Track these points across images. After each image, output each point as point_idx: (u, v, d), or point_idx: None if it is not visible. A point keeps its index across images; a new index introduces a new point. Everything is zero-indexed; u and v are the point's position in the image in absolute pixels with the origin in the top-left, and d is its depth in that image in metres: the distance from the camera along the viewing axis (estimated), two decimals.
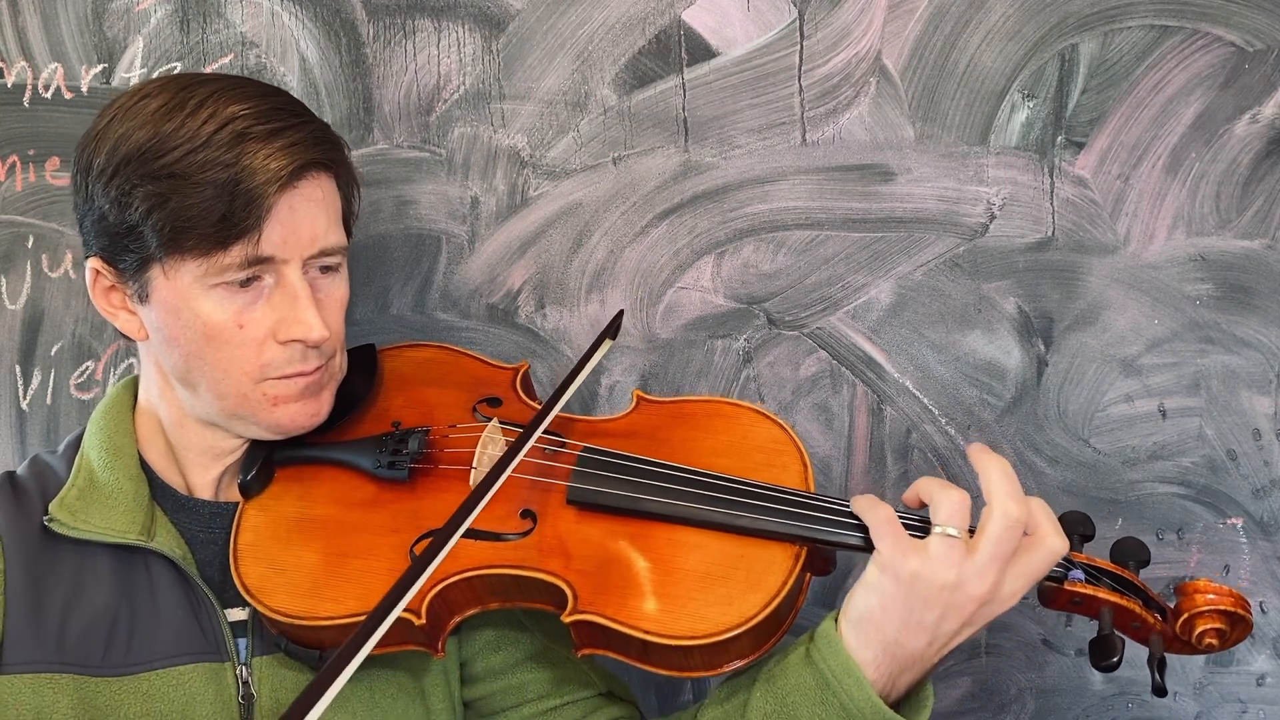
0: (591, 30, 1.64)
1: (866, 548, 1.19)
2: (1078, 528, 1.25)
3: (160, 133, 1.24)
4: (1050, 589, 1.22)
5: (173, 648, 1.31)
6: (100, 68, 1.69)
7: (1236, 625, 1.20)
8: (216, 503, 1.38)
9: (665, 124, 1.64)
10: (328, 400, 1.36)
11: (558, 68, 1.64)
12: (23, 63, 1.69)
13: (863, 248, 1.64)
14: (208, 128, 1.23)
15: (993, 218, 1.62)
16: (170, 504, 1.37)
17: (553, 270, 1.68)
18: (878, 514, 1.18)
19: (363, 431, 1.39)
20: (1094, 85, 1.59)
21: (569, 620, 1.21)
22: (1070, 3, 1.58)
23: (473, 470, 1.32)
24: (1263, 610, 1.61)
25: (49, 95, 1.69)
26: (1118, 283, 1.61)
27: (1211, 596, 1.20)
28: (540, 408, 1.34)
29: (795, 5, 1.61)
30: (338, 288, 1.35)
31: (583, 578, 1.22)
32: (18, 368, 1.73)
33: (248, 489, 1.34)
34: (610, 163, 1.66)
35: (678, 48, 1.63)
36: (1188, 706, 1.64)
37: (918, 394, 1.65)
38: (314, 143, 1.28)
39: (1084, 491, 1.63)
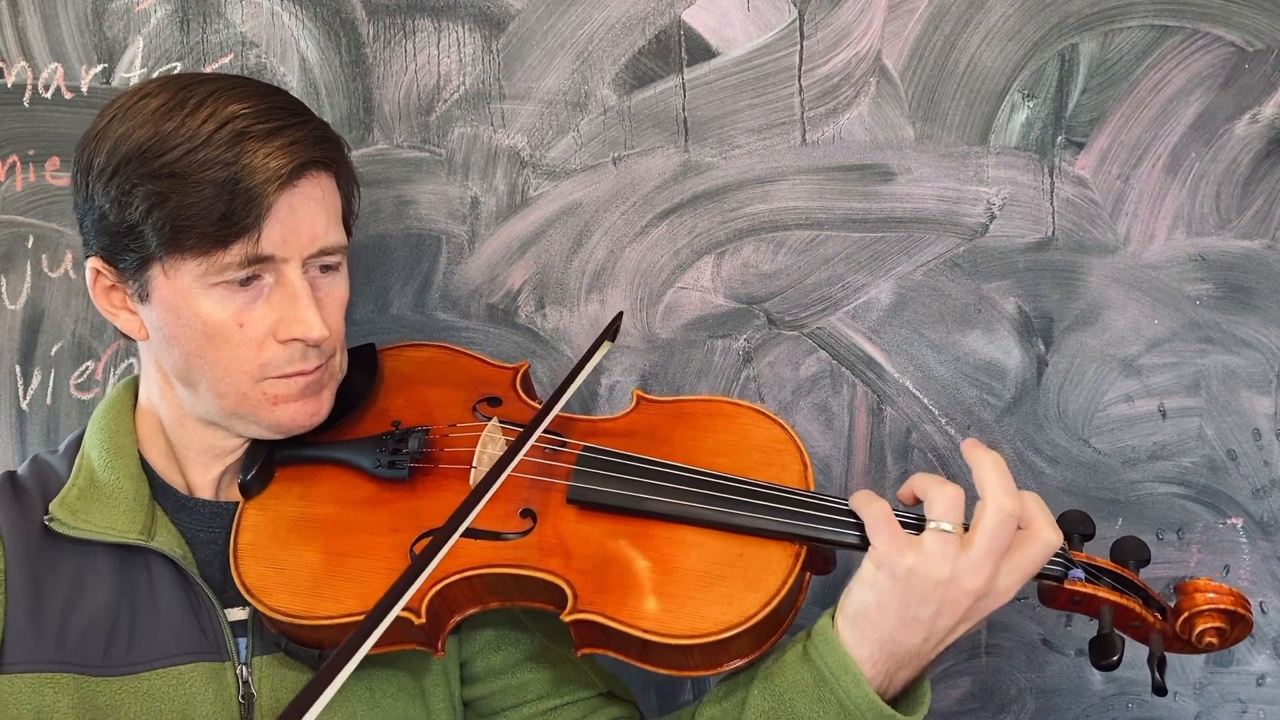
0: (591, 30, 1.64)
1: (864, 545, 1.19)
2: (1078, 527, 1.25)
3: (160, 132, 1.24)
4: (1050, 588, 1.22)
5: (173, 647, 1.31)
6: (100, 68, 1.69)
7: (1237, 624, 1.20)
8: (217, 502, 1.38)
9: (665, 124, 1.64)
10: (328, 399, 1.36)
11: (558, 68, 1.64)
12: (23, 63, 1.69)
13: (863, 248, 1.64)
14: (208, 127, 1.23)
15: (993, 218, 1.62)
16: (171, 503, 1.37)
17: (553, 270, 1.68)
18: (873, 510, 1.18)
19: (363, 431, 1.39)
20: (1094, 85, 1.59)
21: (569, 619, 1.21)
22: (1070, 3, 1.58)
23: (473, 470, 1.32)
24: (1263, 610, 1.61)
25: (49, 95, 1.69)
26: (1118, 283, 1.61)
27: (1211, 595, 1.20)
28: (540, 407, 1.34)
29: (795, 5, 1.61)
30: (338, 287, 1.35)
31: (582, 577, 1.22)
32: (18, 368, 1.73)
33: (248, 488, 1.34)
34: (610, 163, 1.66)
35: (678, 48, 1.63)
36: (1188, 706, 1.63)
37: (918, 394, 1.65)
38: (314, 142, 1.28)
39: (1084, 491, 1.63)
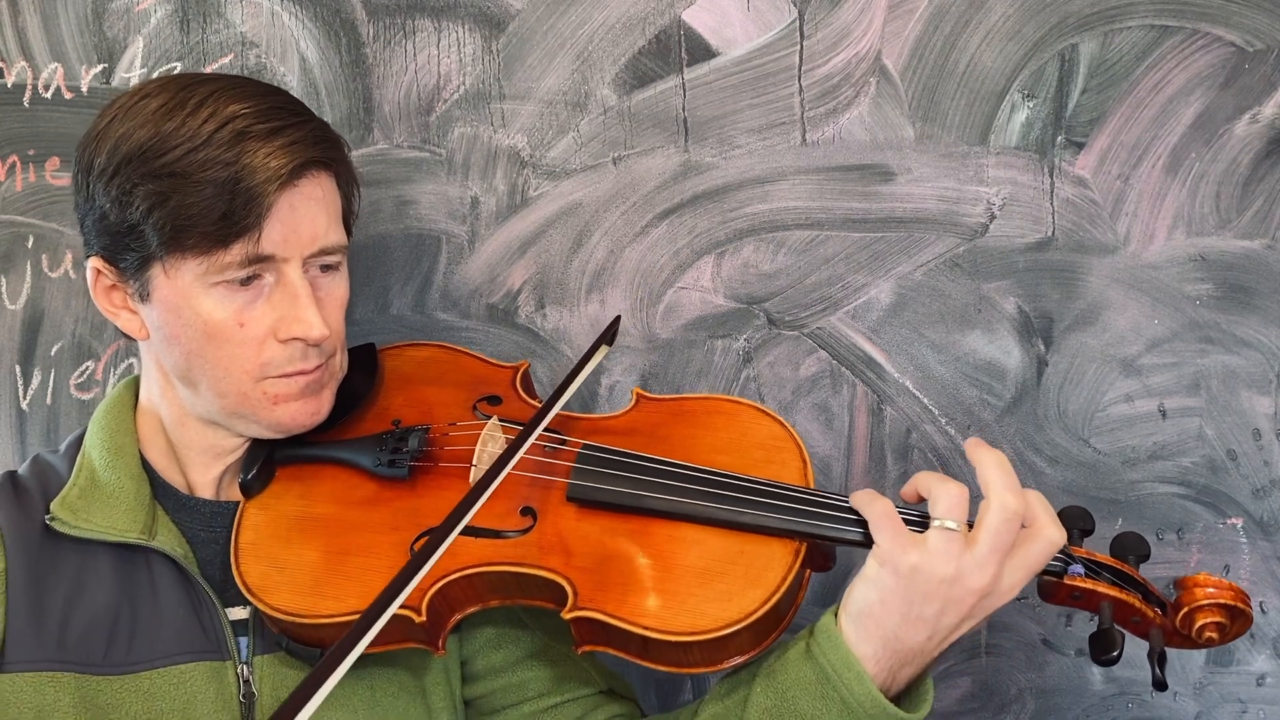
0: (591, 30, 1.64)
1: (866, 543, 1.19)
2: (1077, 522, 1.25)
3: (161, 132, 1.24)
4: (1050, 584, 1.22)
5: (174, 646, 1.31)
6: (100, 68, 1.69)
7: (1236, 619, 1.20)
8: (217, 502, 1.38)
9: (665, 124, 1.64)
10: (328, 399, 1.36)
11: (558, 68, 1.65)
12: (23, 63, 1.69)
13: (863, 248, 1.64)
14: (208, 126, 1.24)
15: (993, 218, 1.62)
16: (171, 503, 1.37)
17: (553, 270, 1.68)
18: (876, 508, 1.18)
19: (363, 430, 1.39)
20: (1094, 85, 1.59)
21: (569, 617, 1.21)
22: (1070, 3, 1.58)
23: (473, 468, 1.32)
24: (1263, 610, 1.61)
25: (49, 95, 1.69)
26: (1118, 283, 1.61)
27: (1211, 590, 1.20)
28: (540, 407, 1.34)
29: (795, 5, 1.61)
30: (338, 286, 1.35)
31: (583, 574, 1.22)
32: (18, 368, 1.73)
33: (249, 488, 1.34)
34: (610, 163, 1.66)
35: (678, 48, 1.63)
36: (1188, 706, 1.63)
37: (918, 394, 1.65)
38: (314, 141, 1.29)
39: (1084, 491, 1.63)
